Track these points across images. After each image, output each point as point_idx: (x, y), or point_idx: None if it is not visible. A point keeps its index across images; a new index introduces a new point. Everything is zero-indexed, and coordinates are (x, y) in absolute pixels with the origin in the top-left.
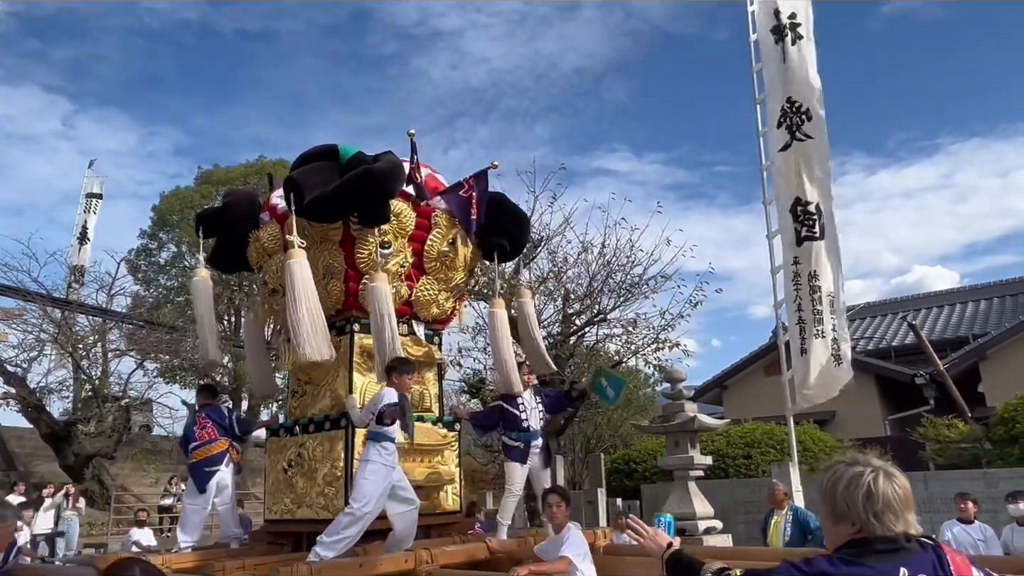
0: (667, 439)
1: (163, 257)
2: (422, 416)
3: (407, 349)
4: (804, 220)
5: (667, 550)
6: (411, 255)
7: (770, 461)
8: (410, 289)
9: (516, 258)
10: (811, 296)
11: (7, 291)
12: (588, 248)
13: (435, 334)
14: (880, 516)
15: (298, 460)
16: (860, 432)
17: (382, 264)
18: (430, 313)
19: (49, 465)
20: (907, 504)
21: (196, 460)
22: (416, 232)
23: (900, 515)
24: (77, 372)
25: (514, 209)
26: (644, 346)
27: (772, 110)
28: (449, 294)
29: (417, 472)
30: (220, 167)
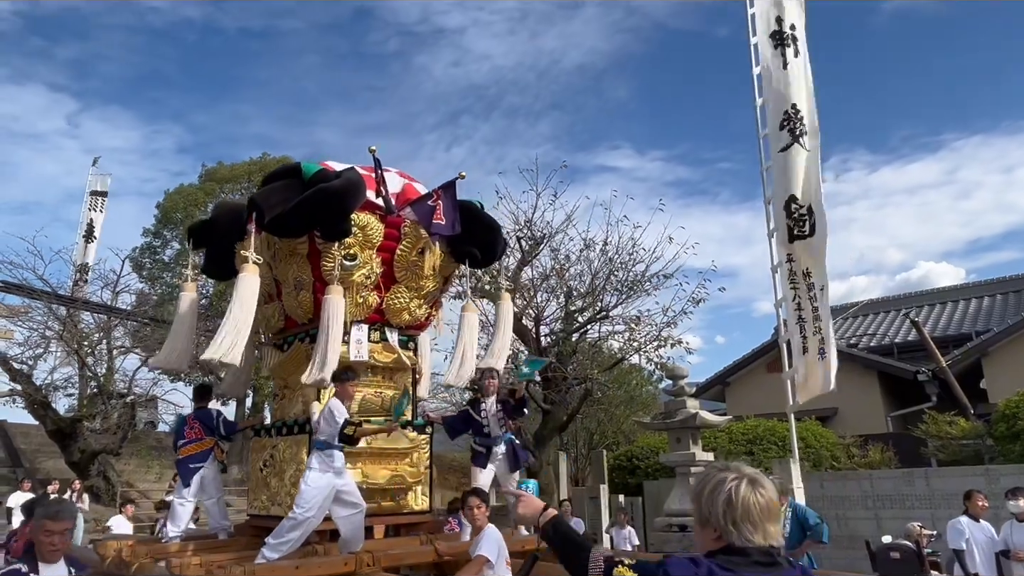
0: (669, 436)
1: (167, 255)
2: (389, 419)
3: (376, 356)
4: (796, 218)
5: (544, 514)
6: (380, 265)
7: (772, 458)
8: (380, 297)
9: (491, 265)
10: (808, 293)
11: (13, 289)
12: (590, 245)
13: (410, 339)
14: (738, 525)
15: (271, 460)
16: (862, 429)
17: (346, 275)
18: (402, 320)
19: (55, 461)
20: (768, 515)
21: (183, 457)
22: (385, 243)
23: (759, 525)
24: (82, 369)
25: (486, 219)
26: (646, 343)
27: (773, 112)
28: (422, 301)
29: (379, 475)
30: (224, 165)
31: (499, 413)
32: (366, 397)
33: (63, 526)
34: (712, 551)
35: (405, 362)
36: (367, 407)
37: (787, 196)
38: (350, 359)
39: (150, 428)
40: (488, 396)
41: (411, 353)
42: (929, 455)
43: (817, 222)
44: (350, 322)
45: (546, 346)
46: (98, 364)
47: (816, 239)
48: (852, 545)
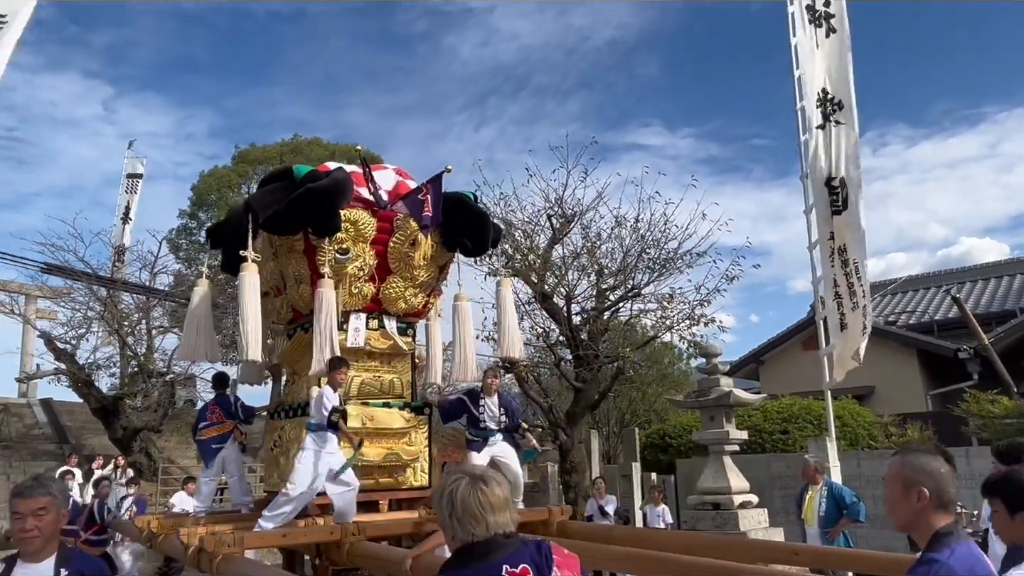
0: (702, 414)
1: (203, 236)
2: (389, 402)
3: (372, 343)
4: (832, 194)
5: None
6: (373, 257)
7: (807, 436)
8: (376, 288)
9: (483, 253)
10: (844, 269)
11: (55, 270)
12: (622, 223)
13: (409, 326)
14: (461, 521)
15: (279, 441)
16: (900, 407)
17: (339, 268)
18: (398, 308)
19: (99, 438)
20: (490, 508)
21: (204, 438)
22: (378, 236)
23: (480, 519)
24: (123, 349)
25: (475, 210)
26: (679, 321)
27: (808, 87)
28: (417, 290)
29: (373, 453)
30: (256, 146)
31: (498, 412)
32: (365, 381)
33: (34, 505)
34: (445, 564)
35: (402, 348)
36: (366, 391)
37: (826, 172)
38: (348, 346)
39: (189, 406)
40: (490, 395)
41: (409, 339)
42: (970, 434)
43: (850, 197)
44: (348, 311)
45: (577, 324)
46: (138, 344)
47: (850, 214)
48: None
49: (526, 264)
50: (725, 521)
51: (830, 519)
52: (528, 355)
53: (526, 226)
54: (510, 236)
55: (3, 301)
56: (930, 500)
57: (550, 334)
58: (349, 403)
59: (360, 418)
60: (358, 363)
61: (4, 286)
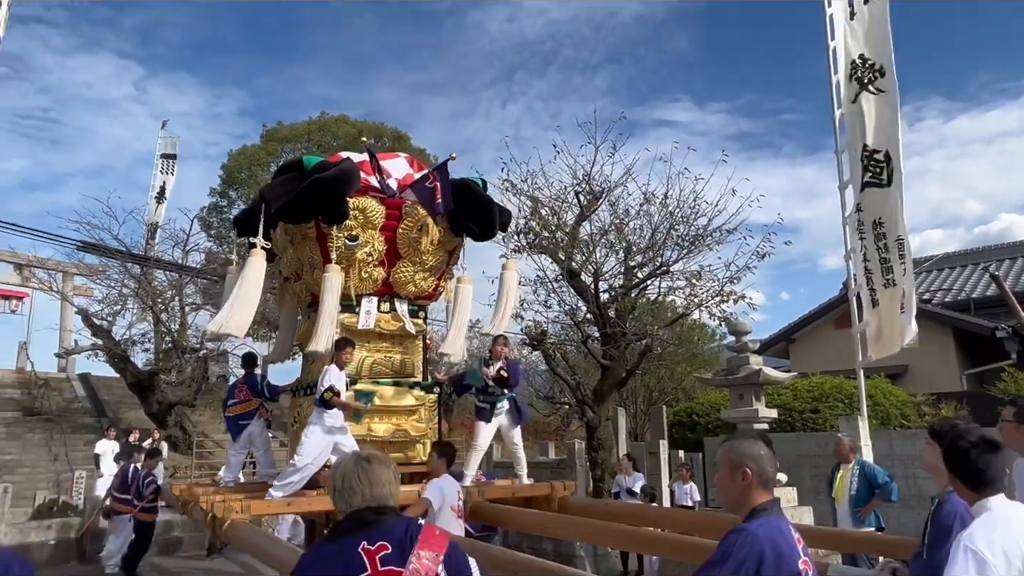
0: (731, 392)
1: (233, 214)
2: (399, 381)
3: (382, 325)
4: (871, 167)
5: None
6: (383, 243)
7: (838, 415)
8: (387, 272)
9: (490, 239)
10: (876, 244)
11: (91, 248)
12: (650, 199)
13: (420, 309)
14: (341, 495)
15: (298, 417)
16: (934, 387)
17: (349, 254)
18: (409, 292)
19: (136, 412)
20: (369, 483)
21: (232, 415)
22: (387, 223)
23: (357, 492)
24: (157, 325)
25: (482, 197)
26: (708, 299)
27: (843, 58)
28: (427, 274)
29: (382, 430)
30: (284, 125)
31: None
32: (376, 361)
33: None
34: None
35: (411, 330)
36: (377, 371)
37: (860, 145)
38: (359, 327)
39: (222, 381)
40: (496, 360)
41: (420, 321)
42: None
43: (895, 171)
44: (361, 295)
45: (605, 302)
46: (171, 320)
47: (894, 188)
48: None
49: (553, 241)
50: None
51: (861, 498)
52: (555, 332)
53: (553, 203)
54: (537, 214)
55: (42, 278)
56: (752, 480)
57: (577, 312)
58: (360, 382)
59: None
60: (369, 344)
61: (42, 264)
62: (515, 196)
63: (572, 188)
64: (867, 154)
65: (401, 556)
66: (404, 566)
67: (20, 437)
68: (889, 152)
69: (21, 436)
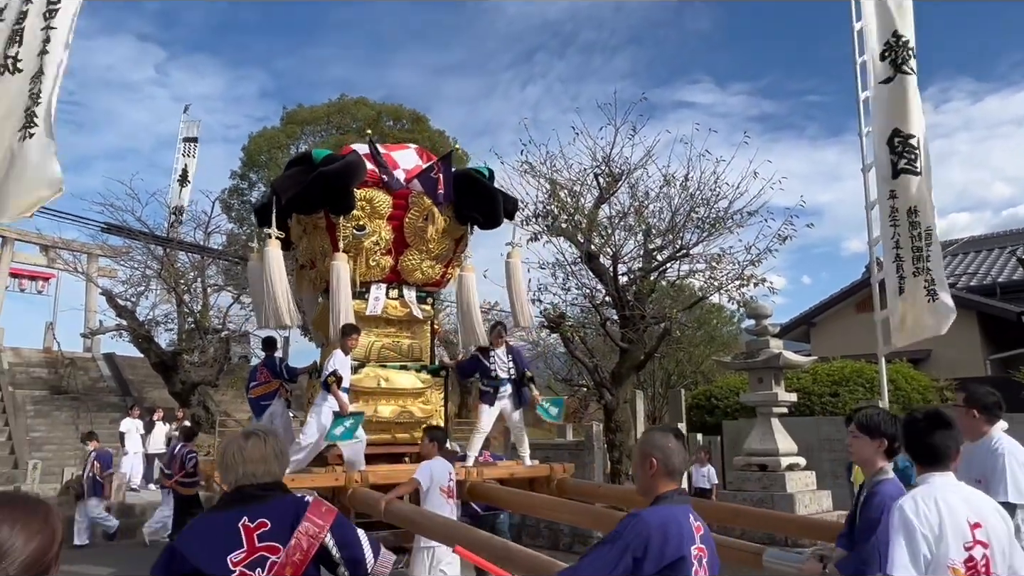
0: (750, 376)
1: (254, 196)
2: (406, 365)
3: (389, 311)
4: (903, 152)
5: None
6: (390, 232)
7: (858, 399)
8: (395, 260)
9: (498, 226)
10: (911, 233)
11: (114, 230)
12: (671, 181)
13: (428, 295)
14: (224, 470)
15: (311, 398)
16: (957, 372)
17: (356, 243)
18: (415, 278)
19: (160, 391)
20: (246, 460)
21: (254, 396)
22: (394, 212)
23: (234, 468)
24: (180, 306)
25: (486, 187)
26: (728, 282)
27: (872, 40)
28: (433, 262)
29: (388, 411)
30: (304, 107)
31: (507, 361)
32: (384, 346)
33: None
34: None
35: (418, 315)
36: (384, 355)
37: (891, 129)
38: (367, 313)
39: (244, 362)
40: (497, 347)
41: (428, 307)
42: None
43: (925, 159)
44: (370, 282)
45: (623, 285)
46: (194, 301)
47: (926, 177)
48: None
49: (572, 224)
50: (772, 483)
51: None
52: (574, 315)
53: (572, 185)
54: (555, 196)
55: (67, 260)
56: (658, 469)
57: (596, 294)
58: (368, 365)
59: (376, 379)
60: (377, 329)
61: (68, 245)
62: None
63: (591, 170)
64: (901, 139)
65: (282, 533)
66: (285, 543)
67: (48, 415)
68: (920, 139)
69: (49, 414)
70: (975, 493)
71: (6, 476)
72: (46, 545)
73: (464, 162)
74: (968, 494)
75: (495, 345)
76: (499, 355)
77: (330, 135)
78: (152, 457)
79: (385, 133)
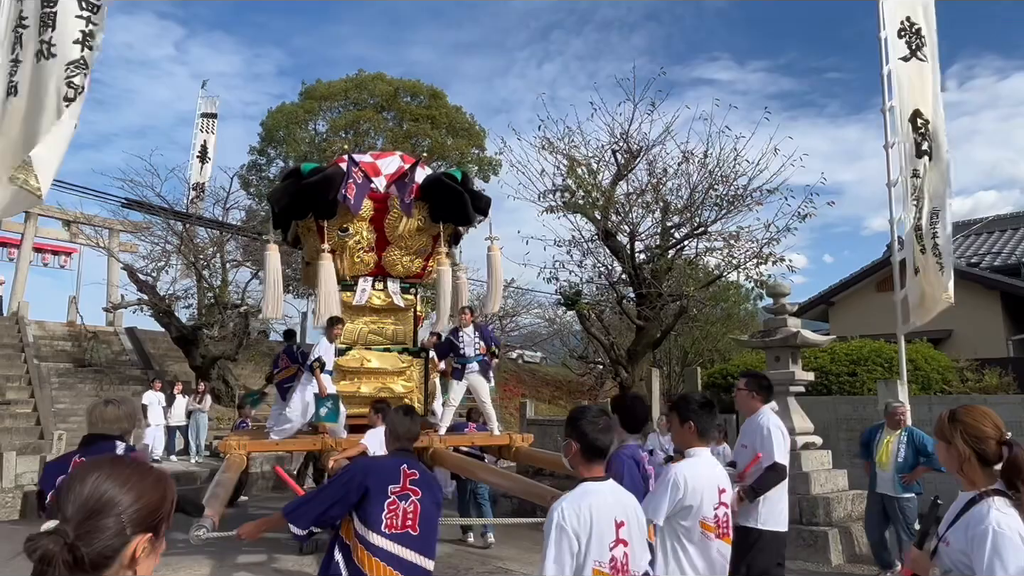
0: (767, 354)
1: (272, 172)
2: (389, 348)
3: (373, 301)
4: (924, 134)
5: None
6: (372, 232)
7: (876, 379)
8: (378, 256)
9: (472, 224)
10: (929, 212)
11: (135, 205)
12: (689, 158)
13: (411, 286)
14: (88, 424)
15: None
16: (979, 352)
17: (341, 243)
18: (397, 272)
19: (181, 365)
20: (101, 419)
21: (278, 381)
22: (375, 215)
23: (90, 422)
24: (200, 281)
25: (454, 190)
26: (746, 260)
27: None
28: (413, 256)
29: (367, 389)
30: (321, 82)
31: (475, 338)
32: (371, 331)
33: None
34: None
35: (399, 304)
36: (370, 339)
37: (912, 109)
38: (354, 303)
39: (263, 337)
40: (465, 326)
41: (411, 297)
42: None
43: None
44: (358, 276)
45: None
46: (213, 276)
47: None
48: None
49: (589, 201)
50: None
51: (908, 465)
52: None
53: (589, 161)
54: (573, 172)
55: (89, 234)
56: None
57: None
58: (354, 349)
59: (360, 360)
60: (364, 317)
61: (89, 220)
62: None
63: (609, 146)
64: (923, 122)
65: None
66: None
67: (72, 387)
68: (933, 124)
69: (73, 386)
70: (624, 492)
71: (33, 446)
72: (154, 504)
73: (481, 138)
74: (620, 493)
75: (463, 325)
76: (467, 333)
77: (347, 110)
78: (173, 429)
79: (403, 109)
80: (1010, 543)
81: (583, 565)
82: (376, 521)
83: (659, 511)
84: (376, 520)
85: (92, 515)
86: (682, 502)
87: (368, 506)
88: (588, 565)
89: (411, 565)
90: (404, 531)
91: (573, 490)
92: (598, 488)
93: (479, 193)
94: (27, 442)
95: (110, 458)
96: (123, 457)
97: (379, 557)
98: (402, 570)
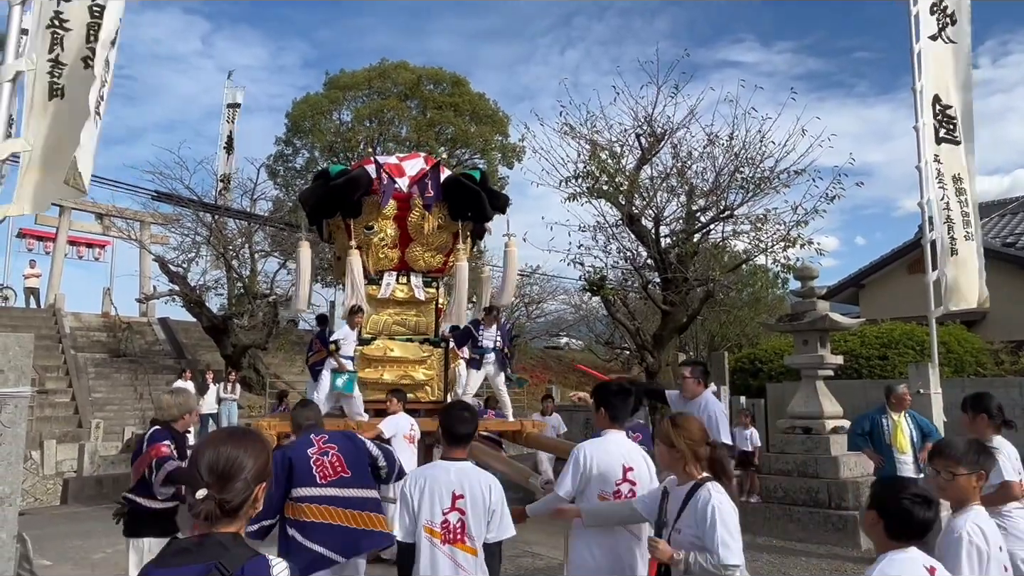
0: (795, 338)
1: (298, 163)
2: (411, 338)
3: (396, 294)
4: (943, 121)
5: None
6: (396, 230)
7: (908, 362)
8: (401, 252)
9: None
10: (958, 198)
11: (165, 198)
12: (715, 141)
13: (433, 280)
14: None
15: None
16: (1015, 335)
17: (366, 240)
18: (420, 267)
19: (212, 355)
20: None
21: (311, 364)
22: (398, 213)
23: (157, 411)
24: (229, 272)
25: (471, 189)
26: (773, 243)
27: None
28: (435, 252)
29: (390, 377)
30: (345, 72)
31: (495, 335)
32: (395, 322)
33: None
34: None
35: (420, 297)
36: (393, 330)
37: (934, 92)
38: (379, 296)
39: (292, 326)
40: (489, 327)
41: (432, 290)
42: None
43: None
44: (383, 271)
45: (666, 247)
46: (242, 267)
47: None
48: None
49: (613, 186)
50: (815, 445)
51: (919, 445)
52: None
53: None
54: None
55: (121, 227)
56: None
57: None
58: (379, 339)
59: (383, 349)
60: (388, 309)
61: (121, 213)
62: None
63: (633, 130)
64: (941, 108)
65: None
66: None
67: (108, 377)
68: (959, 109)
69: (109, 376)
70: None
71: (72, 434)
72: (265, 462)
73: (505, 124)
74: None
75: (487, 325)
76: (489, 333)
77: (371, 99)
78: (205, 417)
79: (426, 97)
80: (727, 513)
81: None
82: (309, 477)
83: (563, 485)
84: (309, 477)
85: (228, 477)
86: (585, 476)
87: (297, 473)
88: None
89: (355, 499)
90: (338, 477)
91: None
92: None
93: (497, 192)
94: (66, 431)
95: (228, 431)
96: (237, 428)
97: (318, 503)
98: (345, 505)
